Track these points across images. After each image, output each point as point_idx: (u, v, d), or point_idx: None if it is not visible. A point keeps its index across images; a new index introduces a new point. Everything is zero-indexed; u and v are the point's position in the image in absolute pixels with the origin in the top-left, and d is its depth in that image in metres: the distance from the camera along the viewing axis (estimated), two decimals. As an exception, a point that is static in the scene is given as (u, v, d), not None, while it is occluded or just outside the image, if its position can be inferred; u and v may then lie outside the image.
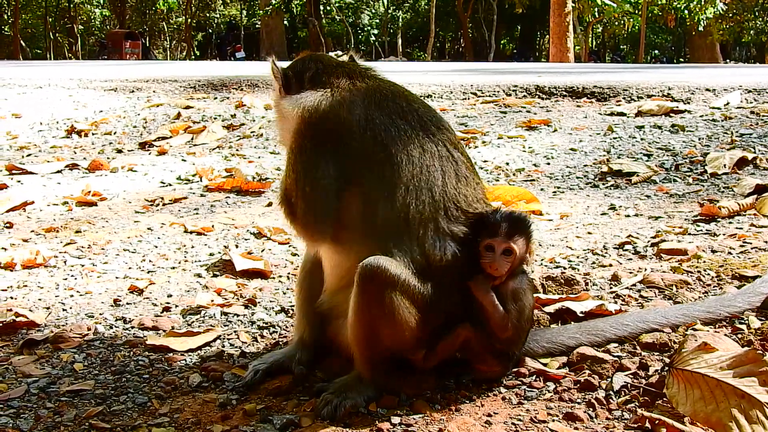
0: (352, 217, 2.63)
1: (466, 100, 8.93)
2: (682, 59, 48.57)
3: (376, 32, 48.87)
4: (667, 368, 2.50)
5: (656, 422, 2.29)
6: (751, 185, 4.95)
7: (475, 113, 8.13)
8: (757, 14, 39.41)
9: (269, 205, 5.54)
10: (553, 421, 2.43)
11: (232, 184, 6.04)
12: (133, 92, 10.34)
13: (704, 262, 3.61)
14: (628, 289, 3.40)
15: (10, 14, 43.65)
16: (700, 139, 6.44)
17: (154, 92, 10.31)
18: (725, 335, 2.75)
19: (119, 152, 7.67)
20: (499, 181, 5.85)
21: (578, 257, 4.00)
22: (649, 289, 3.36)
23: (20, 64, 21.58)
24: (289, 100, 2.84)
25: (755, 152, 5.80)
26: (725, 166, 5.51)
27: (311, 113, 2.72)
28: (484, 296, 2.59)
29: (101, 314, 3.62)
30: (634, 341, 2.84)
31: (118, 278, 4.14)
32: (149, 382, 2.92)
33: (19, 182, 6.41)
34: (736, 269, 3.42)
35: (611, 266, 3.78)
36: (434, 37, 40.80)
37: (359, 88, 2.77)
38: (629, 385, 2.58)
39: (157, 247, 4.65)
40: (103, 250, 4.59)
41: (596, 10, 32.26)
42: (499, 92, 9.10)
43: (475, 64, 22.50)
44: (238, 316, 3.55)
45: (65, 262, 4.38)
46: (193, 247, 4.63)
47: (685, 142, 6.40)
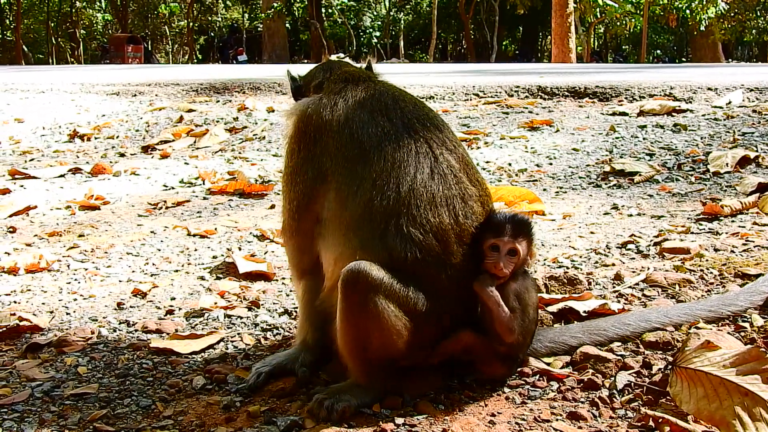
0: (330, 213, 2.68)
1: (468, 101, 8.93)
2: (684, 59, 48.53)
3: (378, 34, 48.88)
4: (670, 367, 2.50)
5: (660, 420, 2.29)
6: (753, 184, 4.95)
7: (477, 114, 8.13)
8: (758, 13, 39.38)
9: (272, 207, 5.55)
10: (556, 420, 2.43)
11: (234, 186, 6.04)
12: (135, 96, 10.36)
13: (707, 260, 3.61)
14: (631, 288, 3.40)
15: (12, 19, 43.74)
16: (702, 138, 6.44)
17: (156, 96, 10.33)
18: (728, 333, 2.75)
19: (122, 156, 7.69)
20: (501, 181, 5.85)
21: (581, 257, 4.00)
22: (652, 288, 3.36)
23: (22, 68, 21.64)
24: (291, 107, 2.97)
25: (757, 151, 5.79)
26: (728, 164, 5.51)
27: (299, 118, 2.84)
28: (488, 297, 2.55)
29: (105, 318, 3.62)
30: (637, 340, 2.84)
31: (121, 282, 4.14)
32: (153, 385, 2.92)
33: (22, 187, 6.42)
34: (738, 267, 3.42)
35: (614, 265, 3.78)
36: (436, 38, 40.78)
37: (349, 90, 2.84)
38: (633, 383, 2.58)
39: (160, 250, 4.65)
40: (106, 253, 4.60)
41: (598, 10, 32.26)
42: (501, 93, 9.10)
43: (476, 65, 22.51)
44: (241, 318, 3.55)
45: (68, 266, 4.38)
46: (196, 250, 4.63)
47: (687, 141, 6.40)
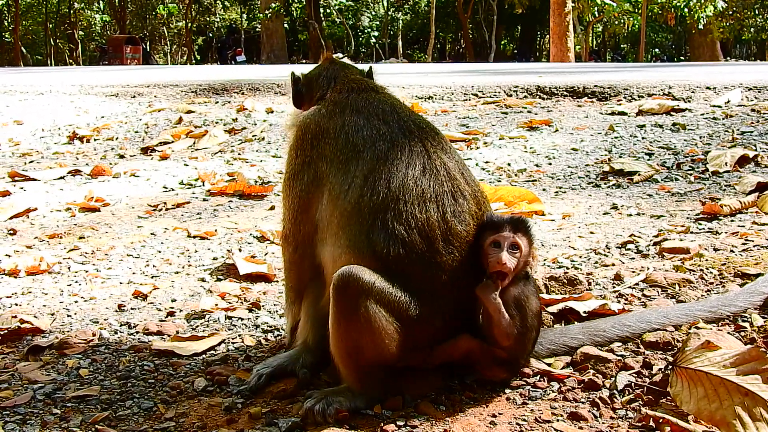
0: (325, 214, 2.71)
1: (467, 101, 8.94)
2: (682, 57, 48.54)
3: (376, 34, 48.86)
4: (670, 367, 2.51)
5: (660, 421, 2.29)
6: (752, 183, 4.95)
7: (476, 114, 8.14)
8: (757, 12, 39.39)
9: (272, 208, 5.56)
10: (557, 420, 2.44)
11: (234, 188, 6.05)
12: (134, 97, 10.36)
13: (706, 260, 3.61)
14: (630, 288, 3.40)
15: (10, 21, 43.70)
16: (701, 137, 6.45)
17: (155, 97, 10.34)
18: (728, 333, 2.75)
19: (121, 158, 7.69)
20: (500, 181, 5.86)
21: (581, 257, 4.01)
22: (651, 288, 3.36)
23: (21, 70, 21.63)
24: (292, 117, 3.08)
25: (756, 150, 5.80)
26: (727, 164, 5.52)
27: (299, 127, 2.93)
28: (490, 303, 2.53)
29: (106, 320, 3.63)
30: (637, 340, 2.84)
31: (122, 284, 4.15)
32: (154, 386, 2.92)
33: (22, 189, 6.42)
34: (738, 267, 3.43)
35: (614, 266, 3.78)
36: (434, 38, 40.80)
37: (350, 100, 2.90)
38: (633, 384, 2.59)
39: (160, 252, 4.66)
40: (106, 255, 4.60)
41: (596, 9, 32.27)
42: (499, 93, 9.11)
43: (475, 65, 22.52)
44: (242, 319, 3.56)
45: (69, 268, 4.39)
46: (196, 251, 4.64)
47: (686, 140, 6.41)
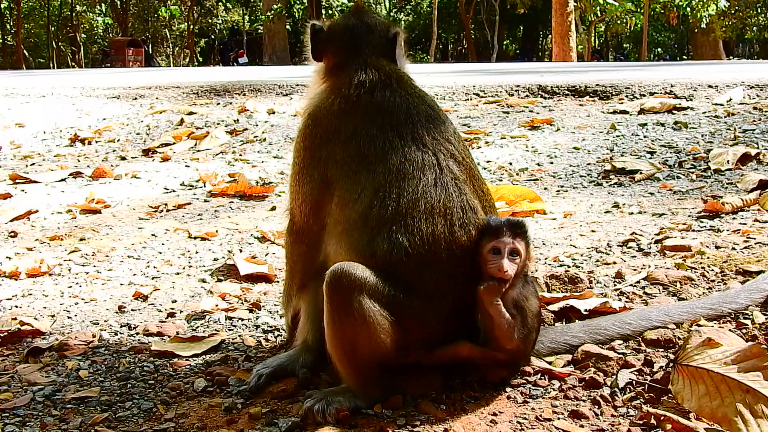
0: (331, 219, 2.71)
1: (468, 100, 8.93)
2: (685, 57, 48.46)
3: (377, 35, 48.70)
4: (671, 364, 2.49)
5: (662, 418, 2.28)
6: (754, 181, 4.94)
7: (477, 114, 8.13)
8: (759, 10, 39.30)
9: (273, 209, 5.55)
10: (558, 419, 2.43)
11: (235, 189, 6.04)
12: (136, 99, 10.36)
13: (708, 258, 3.60)
14: (632, 286, 3.39)
15: (12, 24, 43.75)
16: (703, 135, 6.43)
17: (156, 99, 10.34)
18: (729, 330, 2.74)
19: (123, 159, 7.69)
20: (502, 181, 5.84)
21: (582, 255, 3.99)
22: (653, 285, 3.35)
23: (23, 73, 21.66)
24: (312, 84, 3.08)
25: (758, 148, 5.78)
26: (728, 162, 5.50)
27: (310, 116, 2.88)
28: (490, 305, 2.52)
29: (106, 321, 3.63)
30: (638, 338, 2.83)
31: (122, 285, 4.15)
32: (154, 387, 2.92)
33: (23, 191, 6.42)
34: (739, 265, 3.42)
35: (615, 264, 3.77)
36: (437, 39, 40.74)
37: (365, 97, 2.80)
38: (634, 381, 2.58)
39: (161, 253, 4.66)
40: (107, 257, 4.60)
41: (598, 9, 32.23)
42: (501, 92, 9.10)
43: (477, 65, 22.51)
44: (242, 320, 3.55)
45: (70, 269, 4.39)
46: (197, 252, 4.64)
47: (688, 138, 6.39)
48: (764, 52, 48.35)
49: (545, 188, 5.59)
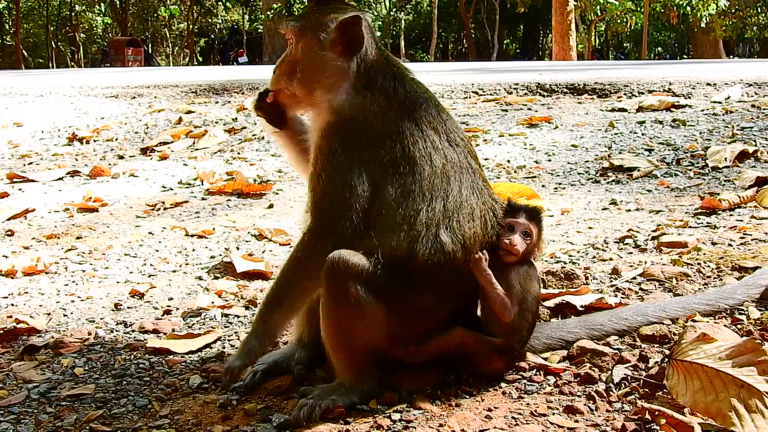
0: (369, 222, 2.63)
1: (467, 99, 8.92)
2: (685, 56, 48.43)
3: (378, 34, 48.67)
4: (666, 360, 2.49)
5: (656, 413, 2.28)
6: (751, 178, 4.93)
7: (476, 112, 8.12)
8: (759, 10, 39.26)
9: (270, 207, 5.54)
10: (553, 414, 2.43)
11: (233, 187, 6.04)
12: (134, 98, 10.36)
13: (704, 254, 3.60)
14: (628, 282, 3.39)
15: (11, 24, 43.71)
16: (701, 133, 6.43)
17: (155, 98, 10.33)
18: (725, 326, 2.74)
19: (121, 158, 7.68)
20: (500, 178, 5.84)
21: (578, 252, 3.99)
22: (649, 281, 3.35)
23: (22, 73, 21.65)
24: (335, 91, 2.75)
25: (756, 145, 5.78)
26: (726, 159, 5.50)
27: (347, 118, 2.69)
28: (481, 274, 2.61)
29: (102, 319, 3.62)
30: (634, 334, 2.83)
31: (119, 283, 4.14)
32: (150, 384, 2.92)
33: (20, 190, 6.42)
34: (736, 261, 3.41)
35: (611, 260, 3.77)
36: (437, 38, 40.75)
37: (398, 95, 2.73)
38: (629, 377, 2.58)
39: (158, 251, 4.65)
40: (104, 255, 4.59)
41: (598, 8, 32.21)
42: (500, 91, 9.09)
43: (476, 63, 22.49)
44: (238, 317, 3.55)
45: (66, 268, 4.38)
46: (194, 250, 4.63)
47: (686, 136, 6.39)
48: (764, 51, 48.33)
49: (543, 186, 5.59)
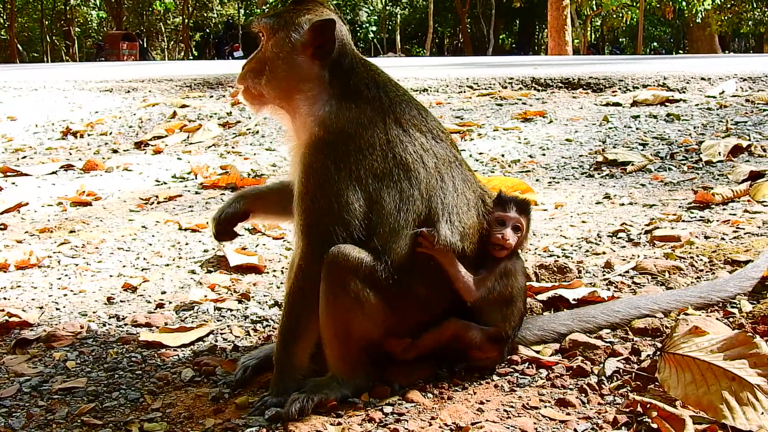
0: (371, 228, 2.60)
1: (462, 93, 8.91)
2: (681, 51, 48.46)
3: (374, 29, 48.73)
4: (659, 353, 2.49)
5: (648, 406, 2.28)
6: (745, 172, 4.94)
7: (471, 106, 8.11)
8: (755, 5, 39.28)
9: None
10: (545, 407, 2.43)
11: (227, 180, 6.03)
12: (128, 92, 10.32)
13: (697, 248, 3.60)
14: (620, 276, 3.39)
15: (6, 18, 43.59)
16: (695, 127, 6.43)
17: (149, 92, 10.30)
18: (717, 319, 2.74)
19: (115, 152, 7.66)
20: (494, 172, 5.84)
21: (572, 246, 3.99)
22: (641, 275, 3.35)
23: (16, 67, 21.57)
24: (314, 101, 2.68)
25: (750, 140, 5.79)
26: (720, 153, 5.50)
27: (336, 132, 2.62)
28: (445, 256, 2.59)
29: (94, 312, 3.62)
30: (626, 327, 2.83)
31: (112, 276, 4.13)
32: (142, 378, 2.91)
33: (13, 184, 6.39)
34: (728, 254, 3.42)
35: (604, 254, 3.77)
36: (433, 32, 40.75)
37: (383, 103, 2.68)
38: (621, 370, 2.58)
39: (151, 244, 4.64)
40: (97, 249, 4.58)
41: (594, 3, 32.21)
42: (495, 85, 9.09)
43: (471, 58, 22.48)
44: (231, 310, 3.54)
45: (59, 261, 4.37)
46: (187, 244, 4.62)
47: (680, 130, 6.39)
48: (759, 46, 48.37)
49: (537, 180, 5.59)
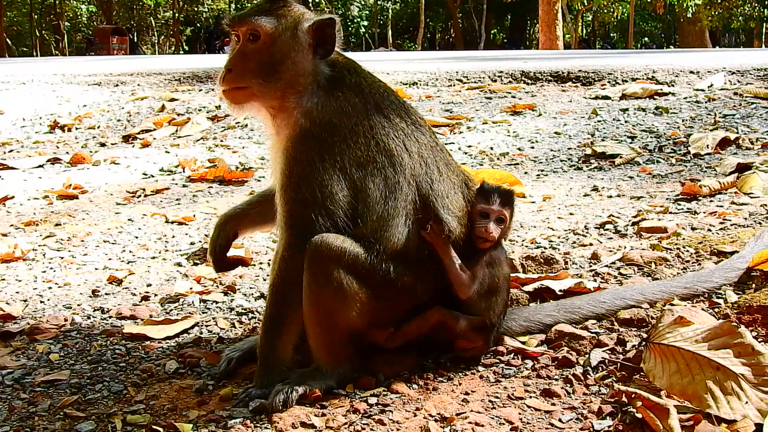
0: (357, 217, 2.60)
1: (451, 86, 8.90)
2: (671, 46, 48.55)
3: (365, 24, 48.65)
4: (644, 343, 2.49)
5: (633, 396, 2.27)
6: (732, 164, 4.94)
7: (460, 99, 8.10)
8: (745, 0, 39.41)
9: (252, 194, 5.50)
10: (530, 397, 2.42)
11: (215, 174, 6.00)
12: (117, 86, 10.27)
13: (684, 239, 3.60)
14: (607, 267, 3.38)
15: (-5, 12, 43.32)
16: (683, 120, 6.44)
17: (138, 86, 10.25)
18: (702, 309, 2.74)
19: (102, 146, 7.61)
20: (483, 165, 5.83)
21: (559, 237, 3.99)
22: (628, 266, 3.35)
23: (4, 61, 21.41)
24: (303, 95, 2.68)
25: (738, 132, 5.79)
26: (708, 146, 5.51)
27: (322, 124, 2.63)
28: (441, 247, 2.61)
29: (79, 305, 3.59)
30: (612, 318, 2.83)
31: (97, 269, 4.10)
32: (125, 370, 2.89)
33: None
34: (714, 245, 3.41)
35: (591, 245, 3.76)
36: (424, 27, 40.70)
37: (363, 90, 2.69)
38: (607, 360, 2.57)
39: (137, 237, 4.61)
40: (82, 242, 4.55)
41: (585, -3, 32.25)
42: (484, 78, 9.08)
43: (462, 52, 22.45)
44: (216, 303, 3.52)
45: (44, 255, 4.34)
46: (173, 236, 4.60)
47: (668, 123, 6.39)
48: (750, 41, 48.52)
49: (525, 172, 5.58)
